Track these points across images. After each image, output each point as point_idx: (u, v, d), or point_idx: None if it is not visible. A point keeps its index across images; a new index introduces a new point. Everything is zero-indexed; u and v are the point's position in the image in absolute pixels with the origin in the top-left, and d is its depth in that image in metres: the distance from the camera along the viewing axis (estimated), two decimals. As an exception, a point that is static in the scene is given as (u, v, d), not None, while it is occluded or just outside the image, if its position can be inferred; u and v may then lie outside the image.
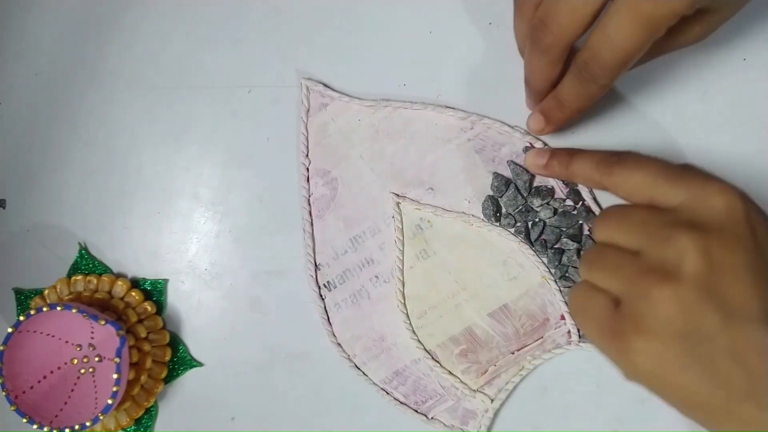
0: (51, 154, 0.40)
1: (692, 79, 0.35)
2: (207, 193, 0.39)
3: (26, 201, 0.40)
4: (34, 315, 0.35)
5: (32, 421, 0.35)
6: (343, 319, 0.38)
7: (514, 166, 0.36)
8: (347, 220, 0.38)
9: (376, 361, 0.38)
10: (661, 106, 0.36)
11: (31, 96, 0.40)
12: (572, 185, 0.36)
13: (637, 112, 0.36)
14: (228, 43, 0.39)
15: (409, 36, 0.37)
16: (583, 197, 0.36)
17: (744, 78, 0.35)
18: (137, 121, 0.39)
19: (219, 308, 0.39)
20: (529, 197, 0.36)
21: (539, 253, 0.36)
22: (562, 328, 0.36)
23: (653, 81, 0.35)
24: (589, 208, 0.36)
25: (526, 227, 0.36)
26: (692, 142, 0.36)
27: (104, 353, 0.37)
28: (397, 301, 0.37)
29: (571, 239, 0.36)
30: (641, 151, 0.36)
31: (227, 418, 0.39)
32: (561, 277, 0.36)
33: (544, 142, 0.36)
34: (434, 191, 0.37)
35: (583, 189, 0.36)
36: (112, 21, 0.40)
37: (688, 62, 0.35)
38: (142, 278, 0.39)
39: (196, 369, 0.39)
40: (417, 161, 0.37)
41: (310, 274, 0.38)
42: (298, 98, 0.38)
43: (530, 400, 0.37)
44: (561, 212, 0.36)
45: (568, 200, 0.36)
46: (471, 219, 0.37)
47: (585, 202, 0.36)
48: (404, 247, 0.37)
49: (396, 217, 0.37)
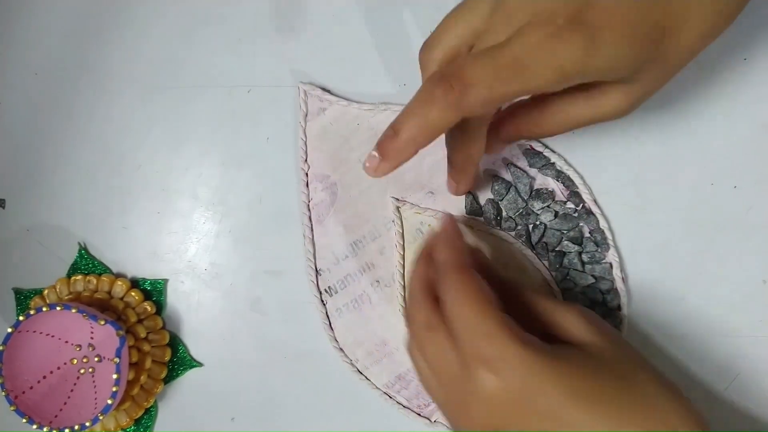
0: (51, 153, 0.40)
1: (692, 79, 0.35)
2: (207, 192, 0.39)
3: (26, 201, 0.40)
4: (34, 315, 0.35)
5: (32, 421, 0.34)
6: (344, 324, 0.38)
7: (514, 169, 0.36)
8: (347, 224, 0.37)
9: (378, 366, 0.37)
10: (660, 105, 0.36)
11: (31, 96, 0.40)
12: (572, 188, 0.36)
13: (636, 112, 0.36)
14: (228, 43, 0.39)
15: (409, 35, 0.37)
16: (584, 199, 0.36)
17: (745, 78, 0.35)
18: (137, 121, 0.39)
19: (219, 308, 0.39)
20: (530, 200, 0.36)
21: (540, 256, 0.36)
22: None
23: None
24: (589, 209, 0.36)
25: (527, 230, 0.36)
26: (692, 142, 0.35)
27: (104, 353, 0.37)
28: (399, 306, 0.37)
29: (572, 242, 0.35)
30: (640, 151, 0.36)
31: (227, 418, 0.39)
32: (563, 279, 0.36)
33: (544, 144, 0.36)
34: (434, 195, 0.37)
35: (584, 191, 0.36)
36: (111, 21, 0.40)
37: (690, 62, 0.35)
38: (142, 278, 0.39)
39: (196, 369, 0.39)
40: (416, 164, 0.37)
41: (311, 280, 0.38)
42: (297, 99, 0.38)
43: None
44: (562, 215, 0.36)
45: (569, 203, 0.36)
46: (472, 222, 0.36)
47: (586, 204, 0.36)
48: (405, 251, 0.37)
49: (396, 221, 0.37)
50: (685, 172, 0.36)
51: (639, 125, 0.36)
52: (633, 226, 0.36)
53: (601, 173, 0.36)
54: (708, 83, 0.35)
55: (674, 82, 0.35)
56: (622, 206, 0.36)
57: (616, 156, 0.36)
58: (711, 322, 0.35)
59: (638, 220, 0.36)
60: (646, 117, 0.36)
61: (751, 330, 0.35)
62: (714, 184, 0.35)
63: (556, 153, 0.36)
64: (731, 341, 0.35)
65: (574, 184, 0.36)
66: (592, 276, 0.35)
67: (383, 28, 0.38)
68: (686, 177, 0.35)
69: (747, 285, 0.35)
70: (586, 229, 0.36)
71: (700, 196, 0.35)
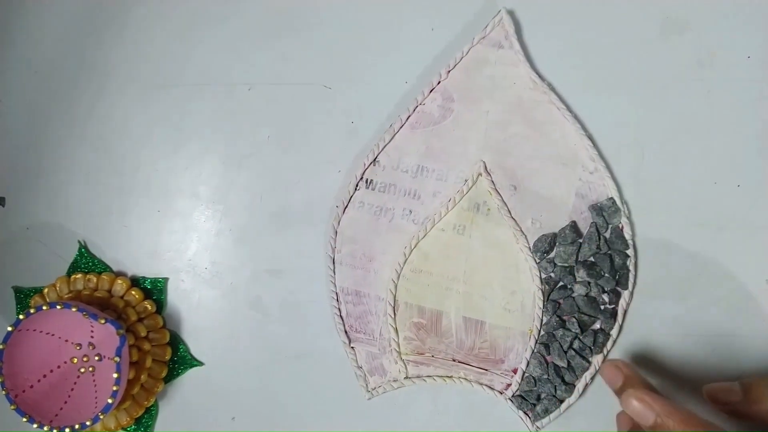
0: (51, 152, 0.40)
1: (696, 77, 0.35)
2: (207, 191, 0.39)
3: (26, 199, 0.40)
4: (34, 314, 0.35)
5: (32, 420, 0.34)
6: (354, 219, 0.37)
7: (593, 231, 0.35)
8: (431, 148, 0.37)
9: (351, 270, 0.37)
10: (664, 104, 0.35)
11: (31, 95, 0.40)
12: (621, 288, 0.35)
13: (639, 111, 0.36)
14: (228, 41, 0.39)
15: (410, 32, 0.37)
16: (620, 304, 0.35)
17: (748, 76, 0.35)
18: (137, 120, 0.39)
19: (219, 307, 0.39)
20: (579, 265, 0.35)
21: (545, 310, 0.36)
22: (507, 378, 0.36)
23: (656, 79, 0.35)
24: (615, 313, 0.35)
25: (554, 284, 0.36)
26: (695, 140, 0.35)
27: (104, 352, 0.37)
28: (408, 244, 0.37)
29: (579, 324, 0.35)
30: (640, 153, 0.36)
31: (227, 418, 0.39)
32: (543, 342, 0.36)
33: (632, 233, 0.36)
34: (515, 192, 0.36)
35: (625, 297, 0.35)
36: (111, 20, 0.40)
37: (692, 60, 0.35)
38: (142, 277, 0.39)
39: (196, 368, 0.39)
40: (525, 157, 0.36)
41: (364, 164, 0.37)
42: (297, 96, 0.38)
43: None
44: (592, 297, 0.35)
45: (606, 294, 0.35)
46: (520, 238, 0.36)
47: (617, 308, 0.35)
48: (452, 211, 0.36)
49: (468, 182, 0.36)
50: (687, 170, 0.35)
51: (639, 123, 0.36)
52: (633, 225, 0.36)
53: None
54: (711, 81, 0.35)
55: (677, 80, 0.35)
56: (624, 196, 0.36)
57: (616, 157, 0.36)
58: (711, 322, 0.35)
59: (639, 219, 0.35)
60: (648, 115, 0.35)
61: (751, 330, 0.35)
62: (717, 182, 0.35)
63: (635, 249, 0.36)
64: (731, 341, 0.35)
65: (626, 286, 0.35)
66: (567, 360, 0.36)
67: (384, 27, 0.38)
68: (688, 175, 0.35)
69: (749, 285, 0.35)
70: (598, 324, 0.35)
71: (702, 194, 0.35)
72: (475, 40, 0.36)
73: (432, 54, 0.37)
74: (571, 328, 0.35)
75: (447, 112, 0.36)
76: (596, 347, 0.35)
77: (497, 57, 0.36)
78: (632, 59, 0.35)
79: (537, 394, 0.36)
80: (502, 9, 0.35)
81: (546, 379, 0.36)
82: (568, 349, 0.36)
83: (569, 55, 0.36)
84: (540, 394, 0.36)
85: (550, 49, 0.36)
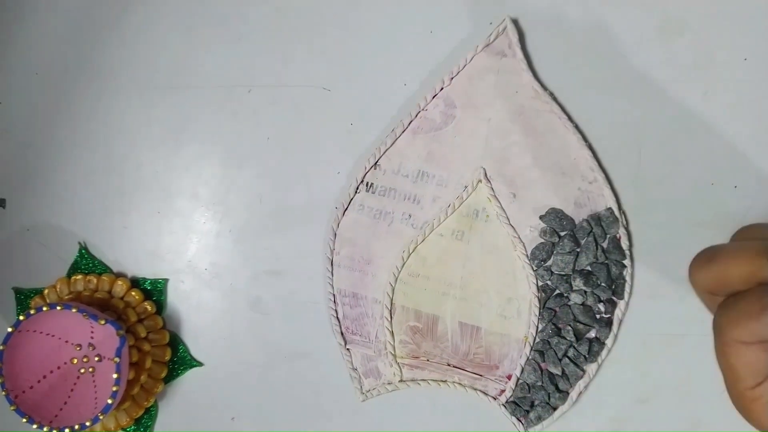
0: (51, 153, 0.40)
1: (692, 79, 0.35)
2: (207, 192, 0.39)
3: (26, 200, 0.40)
4: (34, 314, 0.35)
5: (32, 420, 0.35)
6: (354, 221, 0.37)
7: (591, 240, 0.35)
8: (432, 154, 0.37)
9: (349, 272, 0.38)
10: (661, 105, 0.35)
11: (31, 95, 0.40)
12: (618, 298, 0.35)
13: (637, 112, 0.36)
14: (228, 42, 0.39)
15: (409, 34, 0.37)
16: (615, 314, 0.35)
17: (745, 77, 0.35)
18: (137, 121, 0.39)
19: (219, 308, 0.39)
20: (576, 274, 0.35)
21: (541, 318, 0.36)
22: (501, 384, 0.37)
23: (654, 81, 0.35)
24: (611, 322, 0.35)
25: (551, 292, 0.36)
26: (692, 142, 0.35)
27: (104, 353, 0.37)
28: (407, 248, 0.37)
29: (574, 332, 0.35)
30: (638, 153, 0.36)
31: (227, 418, 0.39)
32: (538, 350, 0.36)
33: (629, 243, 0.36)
34: (515, 199, 0.36)
35: (621, 308, 0.35)
36: (111, 21, 0.40)
37: (689, 62, 0.35)
38: (142, 278, 0.39)
39: (196, 369, 0.39)
40: (525, 165, 0.36)
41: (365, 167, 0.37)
42: (297, 98, 0.38)
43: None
44: (588, 306, 0.35)
45: (602, 304, 0.35)
46: (518, 245, 0.36)
47: (612, 318, 0.35)
48: (451, 216, 0.37)
49: (468, 189, 0.36)
50: (685, 171, 0.35)
51: (638, 123, 0.36)
52: (633, 225, 0.36)
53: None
54: (708, 83, 0.35)
55: (674, 82, 0.35)
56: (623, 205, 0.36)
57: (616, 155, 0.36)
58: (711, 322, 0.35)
59: (638, 220, 0.36)
60: (646, 116, 0.36)
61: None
62: (714, 183, 0.35)
63: (632, 259, 0.36)
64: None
65: (622, 296, 0.35)
66: (561, 368, 0.36)
67: (383, 30, 0.38)
68: (686, 177, 0.35)
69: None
70: (593, 333, 0.36)
71: (700, 195, 0.35)
72: (479, 48, 0.36)
73: (431, 57, 0.37)
74: (567, 336, 0.35)
75: (449, 118, 0.36)
76: (591, 356, 0.35)
77: (500, 65, 0.36)
78: (632, 60, 0.35)
79: (531, 401, 0.36)
80: (506, 17, 0.35)
81: (540, 386, 0.36)
82: (562, 356, 0.36)
83: (570, 58, 0.36)
84: (534, 401, 0.36)
85: (552, 56, 0.36)
